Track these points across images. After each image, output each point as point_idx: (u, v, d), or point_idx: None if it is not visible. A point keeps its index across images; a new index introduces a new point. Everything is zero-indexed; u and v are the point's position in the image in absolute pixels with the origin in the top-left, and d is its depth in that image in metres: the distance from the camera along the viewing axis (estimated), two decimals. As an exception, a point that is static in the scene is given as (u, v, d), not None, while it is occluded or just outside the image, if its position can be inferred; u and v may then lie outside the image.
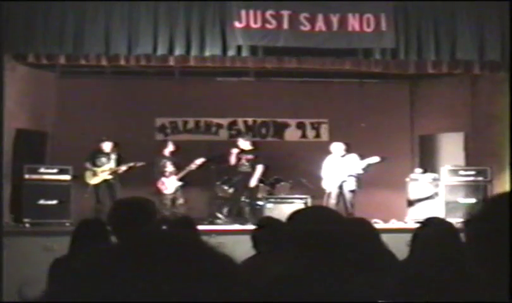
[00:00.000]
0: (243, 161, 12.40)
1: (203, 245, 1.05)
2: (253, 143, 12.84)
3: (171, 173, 12.35)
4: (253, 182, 12.32)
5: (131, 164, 12.10)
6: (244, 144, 12.60)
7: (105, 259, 0.98)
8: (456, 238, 3.76)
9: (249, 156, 12.44)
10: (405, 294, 3.42)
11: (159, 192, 12.17)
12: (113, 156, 12.21)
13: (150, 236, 1.05)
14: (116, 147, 12.31)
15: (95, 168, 12.09)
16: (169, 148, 12.55)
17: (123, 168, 12.13)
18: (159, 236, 1.06)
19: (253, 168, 12.34)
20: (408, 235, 3.89)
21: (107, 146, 12.25)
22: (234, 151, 12.45)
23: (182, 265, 0.96)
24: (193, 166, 12.31)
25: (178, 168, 12.38)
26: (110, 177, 12.09)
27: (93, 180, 12.06)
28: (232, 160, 12.46)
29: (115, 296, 0.91)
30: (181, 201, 12.32)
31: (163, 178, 12.30)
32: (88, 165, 12.10)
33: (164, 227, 4.73)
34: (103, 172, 12.08)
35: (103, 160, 12.17)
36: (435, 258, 3.59)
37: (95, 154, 12.19)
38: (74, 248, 4.60)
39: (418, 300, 3.39)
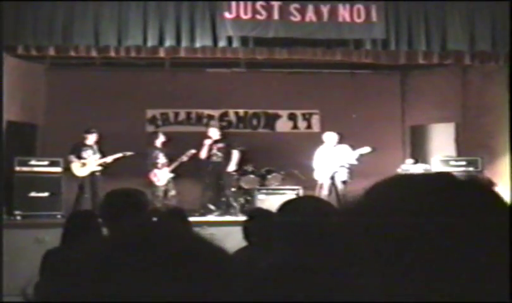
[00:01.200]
0: (214, 150, 12.38)
1: (196, 237, 1.05)
2: (224, 132, 12.85)
3: (163, 165, 12.34)
4: (231, 167, 12.35)
5: (120, 155, 12.06)
6: (215, 133, 12.57)
7: (97, 252, 0.98)
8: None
9: (220, 145, 12.42)
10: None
11: (151, 184, 12.16)
12: (96, 148, 12.16)
13: (142, 227, 1.05)
14: (100, 140, 12.24)
15: (84, 160, 12.02)
16: (160, 139, 12.54)
17: (110, 159, 12.09)
18: (152, 227, 1.05)
19: (226, 157, 12.37)
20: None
21: (91, 139, 12.18)
22: (207, 142, 12.43)
23: (176, 258, 0.96)
24: (184, 158, 12.30)
25: (170, 159, 12.37)
26: (97, 168, 12.04)
27: (81, 172, 12.00)
28: (204, 152, 12.39)
29: (107, 290, 0.91)
30: (173, 192, 12.32)
31: (155, 170, 12.29)
32: (72, 157, 12.00)
33: (155, 219, 4.73)
34: (93, 163, 12.02)
35: (89, 152, 12.09)
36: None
37: (79, 147, 12.10)
38: (66, 240, 4.60)
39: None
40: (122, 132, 12.49)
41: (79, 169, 12.01)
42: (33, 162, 11.82)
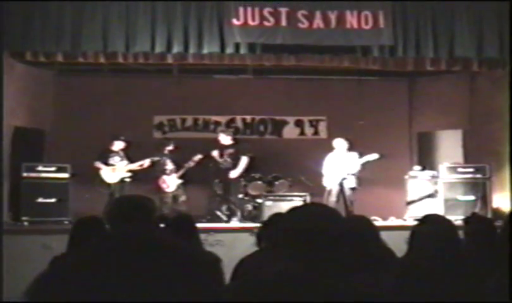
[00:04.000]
0: (225, 156, 12.31)
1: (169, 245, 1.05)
2: (234, 138, 12.71)
3: (172, 171, 12.33)
4: (234, 173, 12.19)
5: (148, 160, 12.08)
6: (226, 139, 12.47)
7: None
8: (454, 235, 3.76)
9: (230, 150, 12.34)
10: (404, 291, 3.42)
11: (160, 190, 12.15)
12: (123, 155, 12.16)
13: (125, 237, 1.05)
14: (127, 147, 12.25)
15: (113, 166, 12.00)
16: (170, 146, 12.49)
17: (146, 164, 12.11)
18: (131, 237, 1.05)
19: (235, 163, 12.24)
20: (407, 233, 3.88)
21: (117, 146, 12.18)
22: (215, 152, 12.36)
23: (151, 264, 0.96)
24: (191, 163, 12.27)
25: (178, 166, 12.36)
26: (127, 175, 12.03)
27: (112, 178, 12.00)
28: (219, 157, 12.34)
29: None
30: (183, 198, 12.30)
31: (164, 176, 12.26)
32: (99, 164, 11.99)
33: (162, 225, 4.72)
34: (122, 169, 12.01)
35: (116, 158, 12.09)
36: (433, 255, 3.59)
37: (106, 154, 12.10)
38: (73, 246, 4.59)
39: (416, 297, 3.38)
40: (129, 138, 12.46)
41: (110, 175, 11.99)
42: (40, 168, 11.82)
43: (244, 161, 12.29)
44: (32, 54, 11.29)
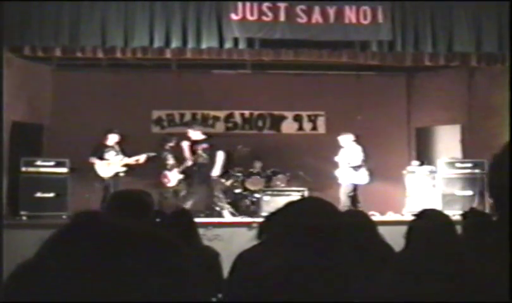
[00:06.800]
0: (199, 151, 12.05)
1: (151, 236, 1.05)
2: (205, 133, 12.48)
3: (173, 166, 12.31)
4: (215, 172, 11.97)
5: (144, 155, 12.03)
6: (195, 134, 12.22)
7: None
8: (451, 230, 3.76)
9: (205, 145, 12.08)
10: (401, 286, 3.43)
11: (161, 185, 12.13)
12: (118, 149, 12.12)
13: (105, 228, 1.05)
14: (122, 140, 12.20)
15: (108, 161, 11.97)
16: (171, 143, 12.44)
17: (142, 158, 12.09)
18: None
19: (211, 158, 12.03)
20: (404, 228, 3.88)
21: (111, 139, 12.14)
22: (185, 143, 12.11)
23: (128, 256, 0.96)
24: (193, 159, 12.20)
25: (178, 161, 12.32)
26: (122, 169, 12.00)
27: (106, 173, 11.98)
28: (187, 153, 12.09)
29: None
30: (184, 193, 12.29)
31: (165, 172, 12.24)
32: (94, 159, 11.97)
33: (158, 220, 4.72)
34: (117, 164, 11.98)
35: (112, 153, 12.04)
36: (430, 250, 3.59)
37: (101, 149, 12.05)
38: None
39: (413, 292, 3.39)
40: (127, 133, 12.45)
41: (105, 169, 11.97)
42: (39, 163, 11.82)
43: (220, 157, 12.07)
44: (30, 49, 11.28)
